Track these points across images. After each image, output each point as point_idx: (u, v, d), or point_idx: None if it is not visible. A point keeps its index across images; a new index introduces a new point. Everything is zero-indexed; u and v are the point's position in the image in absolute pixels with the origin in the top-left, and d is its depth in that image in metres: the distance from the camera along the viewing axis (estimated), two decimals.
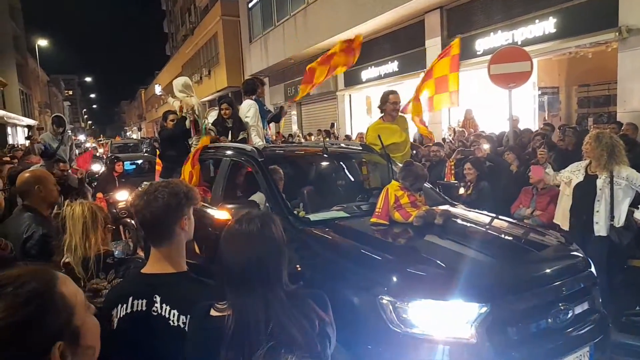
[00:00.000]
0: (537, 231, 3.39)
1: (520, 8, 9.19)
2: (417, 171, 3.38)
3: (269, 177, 3.60)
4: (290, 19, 16.44)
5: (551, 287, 2.51)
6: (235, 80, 22.87)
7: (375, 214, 3.25)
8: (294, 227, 3.12)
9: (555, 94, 10.84)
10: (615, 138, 4.02)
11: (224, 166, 4.24)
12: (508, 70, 6.50)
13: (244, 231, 1.37)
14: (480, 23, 10.14)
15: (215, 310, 1.36)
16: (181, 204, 1.59)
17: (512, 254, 2.92)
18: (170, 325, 1.48)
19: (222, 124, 5.27)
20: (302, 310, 1.35)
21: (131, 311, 1.52)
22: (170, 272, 1.58)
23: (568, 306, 2.47)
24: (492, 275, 2.50)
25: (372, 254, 2.66)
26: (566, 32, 8.27)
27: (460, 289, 2.29)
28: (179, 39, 39.40)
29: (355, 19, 12.58)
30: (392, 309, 2.27)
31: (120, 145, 19.88)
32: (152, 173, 10.37)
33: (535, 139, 6.71)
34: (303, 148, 5.38)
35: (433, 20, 11.37)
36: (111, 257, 2.08)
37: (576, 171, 4.10)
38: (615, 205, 3.81)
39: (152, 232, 1.60)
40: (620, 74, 7.50)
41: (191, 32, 30.86)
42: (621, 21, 7.24)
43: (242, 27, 21.63)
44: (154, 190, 1.59)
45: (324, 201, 3.82)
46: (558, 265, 2.71)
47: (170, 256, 1.60)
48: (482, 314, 2.24)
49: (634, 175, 3.83)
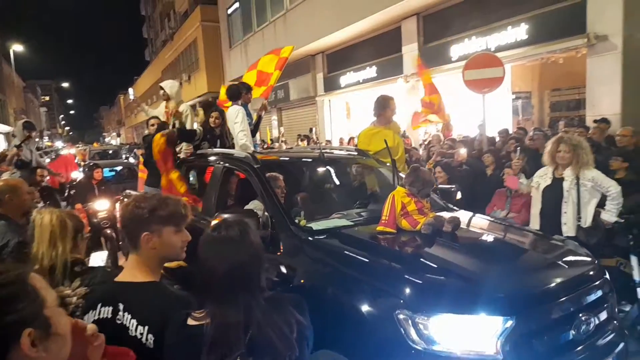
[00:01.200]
0: (549, 238, 3.29)
1: (493, 15, 9.42)
2: (425, 176, 3.24)
3: (267, 185, 3.40)
4: (270, 25, 16.50)
5: (573, 296, 2.40)
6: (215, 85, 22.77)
7: (382, 222, 3.09)
8: (297, 237, 2.94)
9: (529, 98, 11.13)
10: (584, 141, 4.14)
11: (216, 174, 4.02)
12: (482, 75, 6.68)
13: (225, 238, 1.39)
14: (455, 30, 10.36)
15: (192, 320, 1.37)
16: (142, 219, 1.56)
17: (531, 263, 2.79)
18: (129, 336, 1.46)
19: (210, 132, 5.11)
20: (281, 315, 1.37)
21: (98, 318, 1.52)
22: (138, 281, 1.56)
23: (590, 316, 2.38)
24: (515, 286, 2.36)
25: (385, 266, 2.53)
26: (537, 38, 8.52)
27: (483, 302, 2.17)
28: (158, 44, 39.04)
29: (334, 25, 12.72)
30: (411, 325, 2.13)
31: (99, 151, 19.30)
32: (132, 180, 10.29)
33: (509, 142, 6.88)
34: (298, 153, 5.22)
35: (410, 27, 11.56)
36: (79, 266, 2.06)
37: (544, 175, 4.18)
38: (581, 206, 3.90)
39: (125, 237, 1.64)
40: (589, 79, 7.75)
41: (171, 37, 30.62)
42: (589, 28, 7.50)
43: (222, 33, 21.59)
44: (134, 198, 1.65)
45: (321, 208, 3.70)
46: (577, 273, 2.60)
47: (140, 265, 1.59)
48: (508, 328, 2.11)
49: (600, 177, 3.92)
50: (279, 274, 2.80)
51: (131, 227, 1.58)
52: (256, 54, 17.72)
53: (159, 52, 36.08)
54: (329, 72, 15.59)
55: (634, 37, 7.20)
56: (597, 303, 2.49)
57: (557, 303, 2.31)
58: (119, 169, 11.84)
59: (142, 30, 50.21)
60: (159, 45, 38.00)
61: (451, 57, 10.29)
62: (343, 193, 4.41)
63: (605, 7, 7.30)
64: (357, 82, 13.92)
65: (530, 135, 7.13)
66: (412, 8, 10.88)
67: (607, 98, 7.41)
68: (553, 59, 8.61)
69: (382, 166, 4.38)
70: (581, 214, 3.91)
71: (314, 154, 4.41)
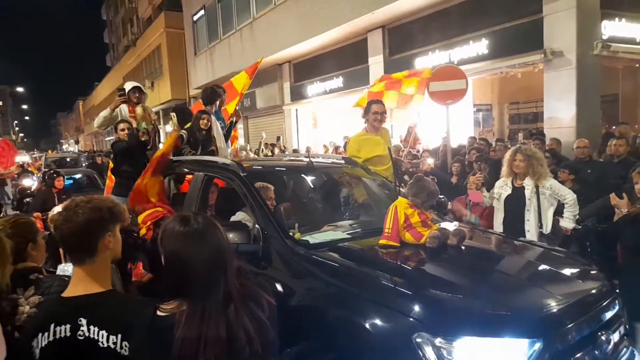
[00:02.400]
0: (557, 252, 3.19)
1: (455, 30, 9.69)
2: (429, 187, 3.06)
3: (256, 195, 3.15)
4: (237, 32, 16.39)
5: (593, 315, 2.31)
6: (179, 92, 22.37)
7: (385, 235, 2.90)
8: (292, 252, 2.71)
9: (489, 110, 11.50)
10: (539, 152, 4.31)
11: (197, 182, 3.69)
12: (446, 87, 6.81)
13: (195, 230, 1.37)
14: (419, 43, 10.59)
15: (161, 311, 1.36)
16: (104, 219, 1.53)
17: (550, 280, 2.61)
18: (100, 347, 1.42)
19: (195, 136, 4.71)
20: (254, 299, 1.40)
21: (54, 339, 1.44)
22: (96, 292, 1.50)
23: (608, 334, 2.30)
24: (540, 305, 2.22)
25: (397, 284, 2.31)
26: (497, 53, 8.82)
27: (509, 323, 2.04)
28: (120, 49, 38.10)
29: (301, 35, 12.77)
30: (431, 349, 1.96)
31: (57, 159, 17.94)
32: (92, 188, 9.83)
33: (471, 153, 7.05)
34: (286, 162, 4.90)
35: (376, 39, 11.75)
36: (35, 274, 1.93)
37: (504, 185, 4.32)
38: (542, 213, 4.06)
39: (73, 250, 1.53)
40: (546, 93, 8.08)
41: (133, 43, 29.93)
42: (546, 44, 7.83)
43: (187, 40, 21.28)
44: (74, 205, 1.52)
45: (311, 220, 3.51)
46: (594, 290, 2.49)
47: (94, 275, 1.52)
48: (536, 350, 1.99)
49: (557, 185, 4.12)
50: (274, 293, 2.62)
51: (90, 232, 1.50)
52: (222, 62, 17.57)
53: (121, 58, 35.22)
54: (295, 81, 15.61)
55: (587, 53, 7.57)
56: (613, 321, 2.43)
57: (580, 322, 2.21)
58: (78, 176, 11.31)
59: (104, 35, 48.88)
60: (121, 51, 37.09)
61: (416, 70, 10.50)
62: (332, 203, 4.19)
63: (560, 24, 7.65)
64: (323, 91, 13.99)
65: (493, 147, 7.33)
66: (377, 21, 11.07)
67: (564, 111, 7.74)
68: (512, 73, 8.94)
69: (370, 175, 4.22)
70: (542, 221, 4.06)
71: (301, 163, 4.18)
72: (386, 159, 4.50)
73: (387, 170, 4.45)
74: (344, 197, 4.15)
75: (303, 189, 4.42)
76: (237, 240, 2.65)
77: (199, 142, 4.74)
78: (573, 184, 5.10)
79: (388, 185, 4.19)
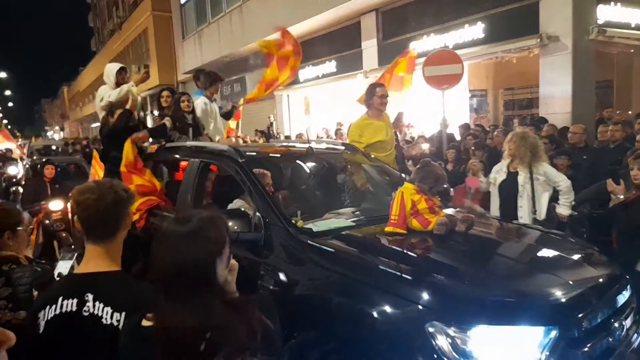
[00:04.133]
0: (563, 237, 3.18)
1: (451, 13, 9.56)
2: (437, 172, 2.99)
3: (256, 182, 3.04)
4: (226, 16, 16.05)
5: (606, 301, 2.30)
6: (167, 78, 21.99)
7: (391, 222, 2.83)
8: (296, 240, 2.64)
9: (484, 96, 11.44)
10: (537, 138, 4.27)
11: (192, 169, 3.56)
12: (441, 72, 6.72)
13: (180, 232, 1.30)
14: (414, 27, 10.44)
15: (147, 320, 1.30)
16: (125, 200, 1.62)
17: (562, 266, 2.58)
18: (103, 324, 1.45)
19: (182, 120, 4.54)
20: (242, 316, 1.30)
21: (60, 312, 1.48)
22: (105, 271, 1.55)
23: (622, 320, 2.29)
24: (555, 292, 2.19)
25: (407, 272, 2.24)
26: (493, 37, 8.72)
27: (525, 311, 2.02)
28: (105, 33, 37.22)
29: (292, 18, 12.50)
30: (445, 338, 1.92)
31: (42, 148, 16.20)
32: (81, 177, 9.51)
33: (467, 139, 6.99)
34: (285, 147, 4.72)
35: (369, 22, 11.56)
36: (8, 265, 1.97)
37: (499, 171, 4.30)
38: (536, 199, 4.04)
39: (96, 228, 1.58)
40: (542, 79, 8.03)
41: (119, 27, 29.28)
42: (542, 29, 7.75)
43: (174, 23, 20.85)
44: (102, 185, 1.61)
45: (312, 207, 3.43)
46: (607, 276, 2.48)
47: (109, 253, 1.59)
48: (552, 338, 1.97)
49: (551, 171, 4.09)
50: (277, 282, 2.53)
51: (115, 211, 1.58)
52: (211, 46, 17.23)
53: (106, 42, 34.51)
54: None
55: (583, 38, 7.51)
56: (625, 307, 2.41)
57: (595, 309, 2.20)
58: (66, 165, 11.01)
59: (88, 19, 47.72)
60: (106, 35, 36.26)
61: None
62: (334, 191, 4.09)
63: (556, 8, 7.57)
64: (316, 76, 13.80)
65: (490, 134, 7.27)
66: (371, 3, 10.87)
67: (559, 97, 7.70)
68: (507, 58, 8.86)
69: (371, 161, 4.11)
70: (536, 207, 4.04)
71: (301, 149, 4.05)
72: (388, 145, 4.39)
73: (389, 157, 4.36)
74: (345, 184, 4.07)
75: (303, 175, 4.32)
76: (237, 229, 2.59)
77: (188, 126, 4.59)
78: (568, 169, 5.08)
79: (389, 171, 4.10)
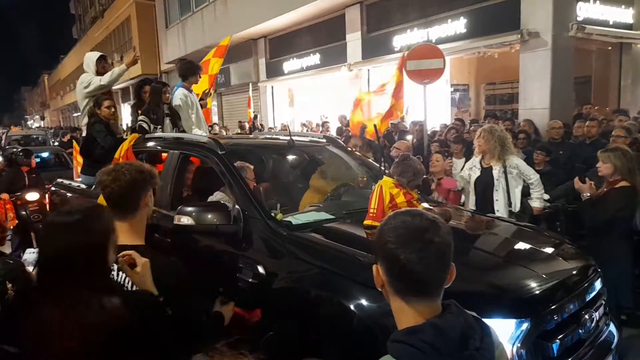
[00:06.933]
0: (538, 231, 3.22)
1: (434, 7, 9.60)
2: (416, 166, 3.04)
3: (236, 174, 3.03)
4: (210, 5, 15.84)
5: (578, 293, 2.30)
6: (150, 67, 21.63)
7: (370, 216, 2.83)
8: (275, 233, 2.63)
9: (466, 91, 11.53)
10: (504, 131, 4.37)
11: (171, 161, 3.50)
12: (423, 66, 6.73)
13: (58, 222, 1.35)
14: (397, 20, 10.46)
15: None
16: (145, 180, 1.76)
17: (536, 259, 2.61)
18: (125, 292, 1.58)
19: (158, 112, 4.48)
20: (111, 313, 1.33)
21: None
22: (131, 244, 1.65)
23: (592, 313, 2.30)
24: (524, 284, 2.20)
25: None
26: (475, 32, 8.79)
27: (496, 304, 2.02)
28: (87, 21, 36.40)
29: (276, 9, 12.42)
30: None
31: (20, 137, 15.72)
32: (60, 168, 9.32)
33: (450, 132, 7.05)
34: (266, 140, 4.67)
35: (353, 15, 11.53)
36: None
37: (473, 167, 4.36)
38: (510, 192, 4.12)
39: (118, 206, 1.71)
40: (522, 74, 8.12)
41: (101, 14, 28.65)
42: (523, 24, 7.82)
43: (157, 12, 20.50)
44: (121, 167, 1.77)
45: (293, 200, 3.42)
46: (578, 268, 2.49)
47: (133, 228, 1.74)
48: (523, 330, 1.97)
49: (522, 165, 4.19)
50: (255, 275, 2.54)
51: (134, 190, 1.73)
52: (195, 36, 16.99)
53: (88, 30, 33.75)
54: (271, 57, 15.26)
55: (562, 35, 7.61)
56: (595, 299, 2.43)
57: (566, 301, 2.21)
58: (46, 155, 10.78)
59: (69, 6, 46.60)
60: (88, 22, 35.47)
61: (394, 47, 10.38)
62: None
63: (537, 4, 7.65)
64: (300, 68, 13.74)
65: (467, 129, 7.36)
66: None
67: (538, 92, 7.80)
68: (489, 54, 8.93)
69: (351, 155, 4.15)
70: (511, 199, 4.12)
71: (282, 141, 4.01)
72: None
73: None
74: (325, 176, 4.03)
75: (284, 168, 4.31)
76: (216, 222, 2.62)
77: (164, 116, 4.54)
78: (546, 165, 5.18)
79: (370, 164, 4.13)
